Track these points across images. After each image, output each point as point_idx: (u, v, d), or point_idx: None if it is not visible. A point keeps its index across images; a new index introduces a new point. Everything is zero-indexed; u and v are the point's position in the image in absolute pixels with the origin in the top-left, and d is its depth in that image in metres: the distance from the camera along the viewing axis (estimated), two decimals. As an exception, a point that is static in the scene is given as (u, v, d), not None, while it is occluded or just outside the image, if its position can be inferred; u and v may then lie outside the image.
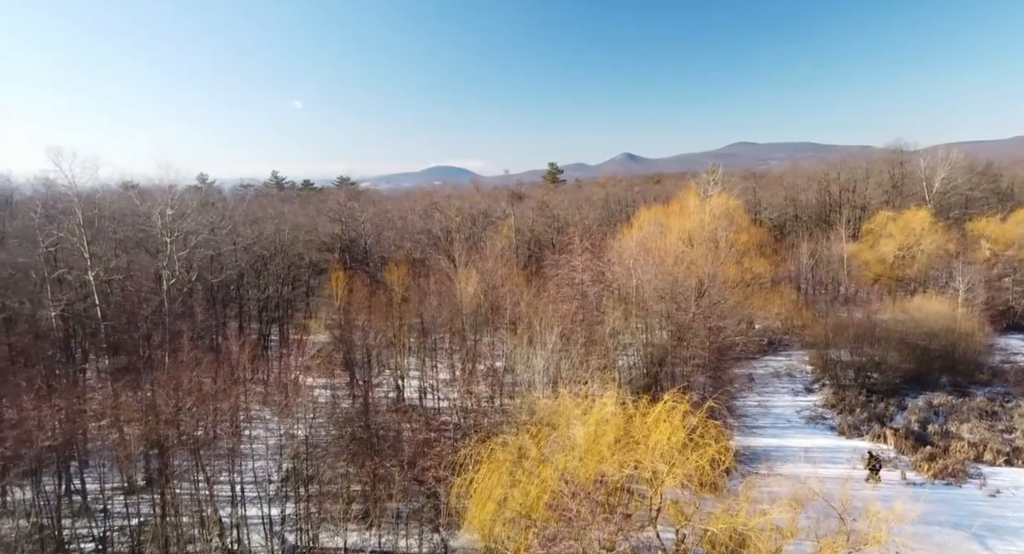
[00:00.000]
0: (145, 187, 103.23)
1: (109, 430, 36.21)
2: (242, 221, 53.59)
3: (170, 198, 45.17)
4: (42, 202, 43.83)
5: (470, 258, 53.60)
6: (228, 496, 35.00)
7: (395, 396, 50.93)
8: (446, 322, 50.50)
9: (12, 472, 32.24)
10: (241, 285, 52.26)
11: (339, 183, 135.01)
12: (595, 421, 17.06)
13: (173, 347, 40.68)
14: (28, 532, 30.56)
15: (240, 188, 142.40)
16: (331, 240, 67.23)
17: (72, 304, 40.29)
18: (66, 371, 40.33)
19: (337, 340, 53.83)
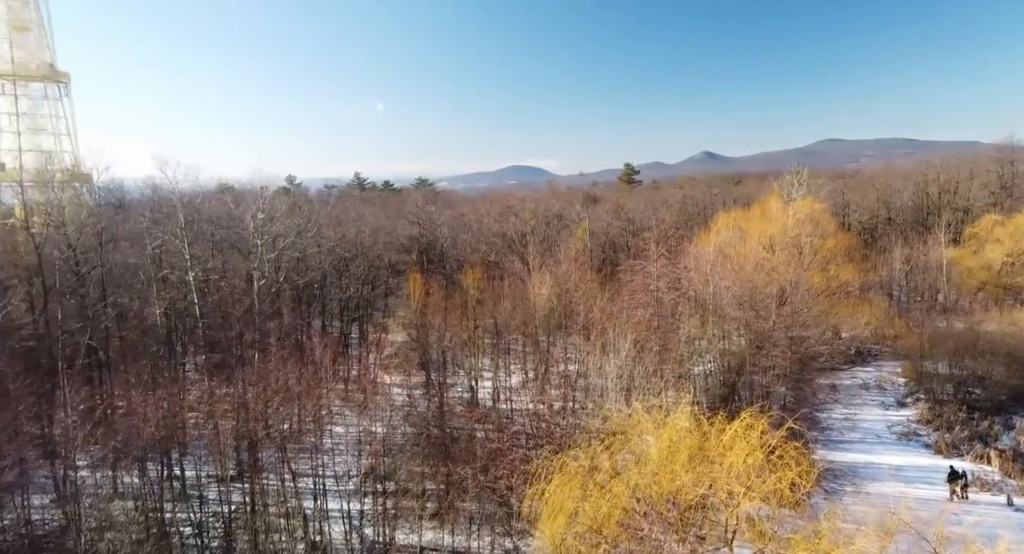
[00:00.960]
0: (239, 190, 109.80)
1: (205, 423, 38.71)
2: (326, 224, 56.02)
3: (261, 202, 47.78)
4: (149, 207, 47.44)
5: (544, 261, 53.81)
6: (311, 489, 36.65)
7: (469, 397, 51.91)
8: (519, 326, 50.94)
9: (122, 460, 35.12)
10: (324, 286, 54.64)
11: (417, 184, 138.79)
12: (668, 438, 16.85)
13: (262, 346, 43.02)
14: (135, 514, 33.20)
15: (325, 189, 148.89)
16: (409, 242, 69.16)
17: (174, 303, 43.39)
18: (168, 364, 43.49)
19: (414, 340, 55.40)
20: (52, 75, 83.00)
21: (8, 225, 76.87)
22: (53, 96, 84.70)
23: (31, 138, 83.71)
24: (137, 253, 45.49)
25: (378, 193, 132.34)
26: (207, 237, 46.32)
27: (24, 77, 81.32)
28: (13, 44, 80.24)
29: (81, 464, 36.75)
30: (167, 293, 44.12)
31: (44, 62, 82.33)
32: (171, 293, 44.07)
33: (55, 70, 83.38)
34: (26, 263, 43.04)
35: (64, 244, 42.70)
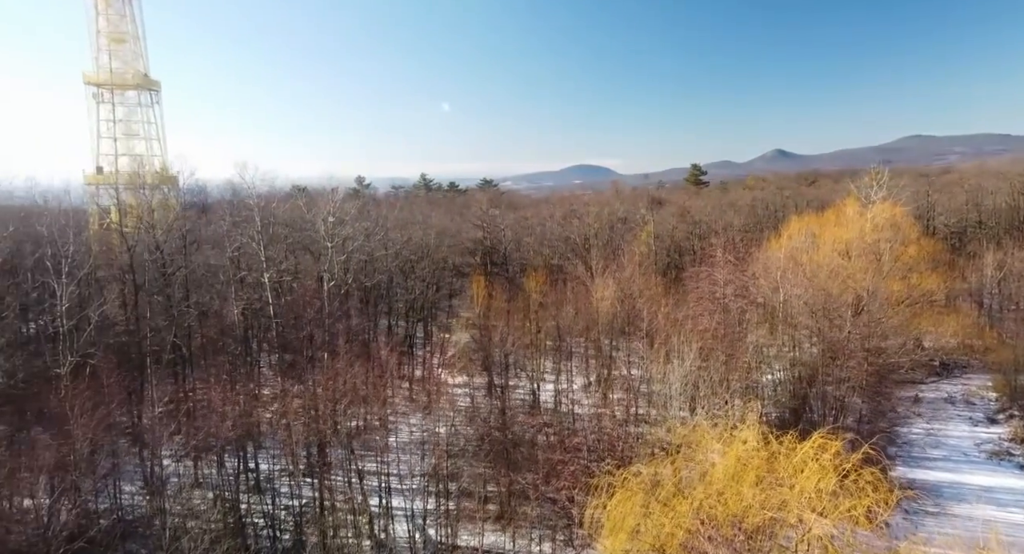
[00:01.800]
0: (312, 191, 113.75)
1: (278, 420, 40.39)
2: (393, 227, 57.37)
3: (332, 206, 49.42)
4: (229, 211, 49.92)
5: (607, 266, 53.33)
6: (376, 488, 37.66)
7: (530, 400, 52.10)
8: (582, 331, 50.71)
9: (203, 452, 37.18)
10: (391, 287, 55.97)
11: (482, 185, 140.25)
12: (735, 456, 16.41)
13: (331, 347, 44.51)
14: (214, 503, 35.06)
15: (392, 190, 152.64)
16: (473, 245, 69.94)
17: (251, 303, 45.50)
18: (244, 362, 45.63)
19: (476, 341, 56.05)
20: (145, 83, 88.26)
21: (105, 225, 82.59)
22: (145, 103, 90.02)
23: (125, 143, 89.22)
24: (217, 255, 47.91)
25: (444, 194, 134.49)
26: (281, 240, 48.29)
27: (120, 86, 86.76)
28: (112, 55, 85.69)
29: (165, 453, 39.18)
30: (244, 293, 46.27)
31: (138, 71, 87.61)
32: (248, 293, 46.19)
33: (148, 78, 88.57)
34: (120, 263, 46.05)
35: (153, 246, 45.46)
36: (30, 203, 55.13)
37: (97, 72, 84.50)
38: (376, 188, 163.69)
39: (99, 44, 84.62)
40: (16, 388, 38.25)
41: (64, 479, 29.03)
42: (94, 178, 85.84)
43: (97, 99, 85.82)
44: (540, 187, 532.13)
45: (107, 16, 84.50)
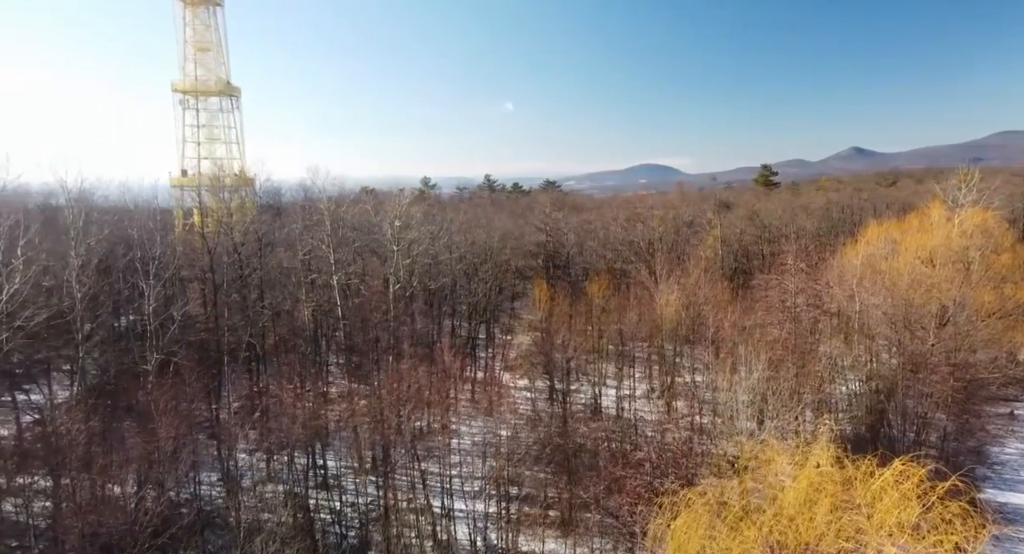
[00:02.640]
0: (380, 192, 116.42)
1: (344, 419, 41.66)
2: (458, 230, 58.13)
3: (399, 210, 50.47)
4: (301, 215, 51.84)
5: (672, 271, 52.29)
6: (438, 489, 38.27)
7: (592, 405, 51.77)
8: (645, 337, 49.98)
9: (274, 447, 38.77)
10: (454, 289, 56.72)
11: (545, 186, 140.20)
12: (807, 480, 15.76)
13: (396, 348, 45.53)
14: (284, 498, 36.51)
15: (457, 191, 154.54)
16: (536, 248, 70.06)
17: (320, 305, 47.10)
18: (314, 361, 47.26)
19: (538, 345, 56.13)
20: (227, 90, 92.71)
21: (188, 227, 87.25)
22: (226, 109, 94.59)
23: (207, 147, 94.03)
24: (290, 257, 49.75)
25: (507, 195, 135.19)
26: (350, 243, 49.70)
27: (204, 92, 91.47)
28: (197, 63, 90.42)
29: (240, 448, 41.09)
30: (314, 295, 47.92)
31: (221, 78, 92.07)
32: (318, 295, 47.81)
33: (229, 85, 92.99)
34: (201, 265, 48.54)
35: (231, 248, 47.68)
36: (122, 205, 58.77)
37: (183, 80, 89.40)
38: (441, 188, 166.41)
39: (186, 53, 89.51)
40: (108, 383, 40.86)
41: (149, 471, 30.80)
42: (178, 181, 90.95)
43: (183, 105, 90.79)
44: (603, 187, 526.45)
45: (193, 27, 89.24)
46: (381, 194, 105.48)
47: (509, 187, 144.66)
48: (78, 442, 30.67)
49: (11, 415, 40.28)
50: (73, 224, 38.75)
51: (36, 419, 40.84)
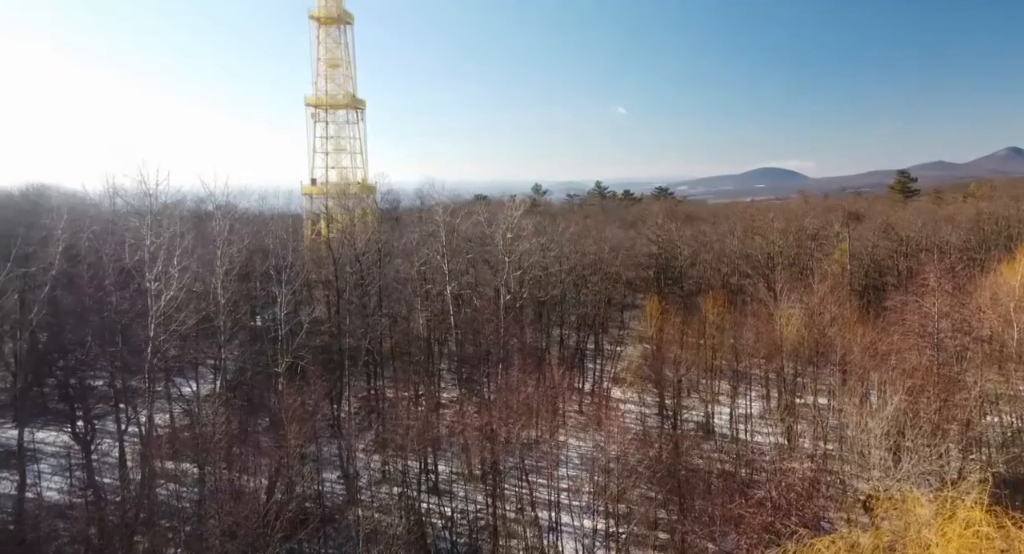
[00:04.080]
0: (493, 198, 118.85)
1: (456, 426, 42.88)
2: (568, 241, 58.25)
3: (511, 221, 51.33)
4: (417, 226, 54.10)
5: (793, 287, 49.41)
6: (546, 500, 38.42)
7: (704, 422, 50.02)
8: (762, 358, 47.57)
9: (389, 449, 40.63)
10: (563, 300, 56.85)
11: (657, 194, 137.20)
12: (957, 547, 14.23)
13: (506, 360, 46.29)
14: (398, 499, 38.17)
15: (567, 198, 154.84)
16: (647, 259, 68.70)
17: (434, 313, 48.90)
18: (427, 369, 49.08)
19: (648, 358, 54.99)
20: (353, 103, 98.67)
21: (315, 233, 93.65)
22: (352, 120, 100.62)
23: (334, 157, 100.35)
24: (406, 266, 51.95)
25: (618, 202, 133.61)
26: (463, 253, 51.18)
27: (333, 106, 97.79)
28: (327, 79, 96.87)
29: (359, 448, 43.44)
30: (428, 303, 49.77)
31: (348, 92, 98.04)
32: (432, 304, 49.61)
33: (356, 98, 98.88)
34: (325, 274, 51.85)
35: (353, 257, 50.54)
36: (259, 215, 64.11)
37: (315, 94, 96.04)
38: (552, 193, 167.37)
39: (318, 69, 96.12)
40: (245, 382, 44.59)
41: (280, 468, 33.26)
42: (308, 189, 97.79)
43: (315, 118, 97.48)
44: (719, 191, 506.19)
45: (326, 45, 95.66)
46: (494, 201, 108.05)
47: (620, 194, 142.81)
48: (219, 434, 33.70)
49: (166, 406, 44.81)
50: (219, 234, 42.69)
51: (185, 410, 45.47)
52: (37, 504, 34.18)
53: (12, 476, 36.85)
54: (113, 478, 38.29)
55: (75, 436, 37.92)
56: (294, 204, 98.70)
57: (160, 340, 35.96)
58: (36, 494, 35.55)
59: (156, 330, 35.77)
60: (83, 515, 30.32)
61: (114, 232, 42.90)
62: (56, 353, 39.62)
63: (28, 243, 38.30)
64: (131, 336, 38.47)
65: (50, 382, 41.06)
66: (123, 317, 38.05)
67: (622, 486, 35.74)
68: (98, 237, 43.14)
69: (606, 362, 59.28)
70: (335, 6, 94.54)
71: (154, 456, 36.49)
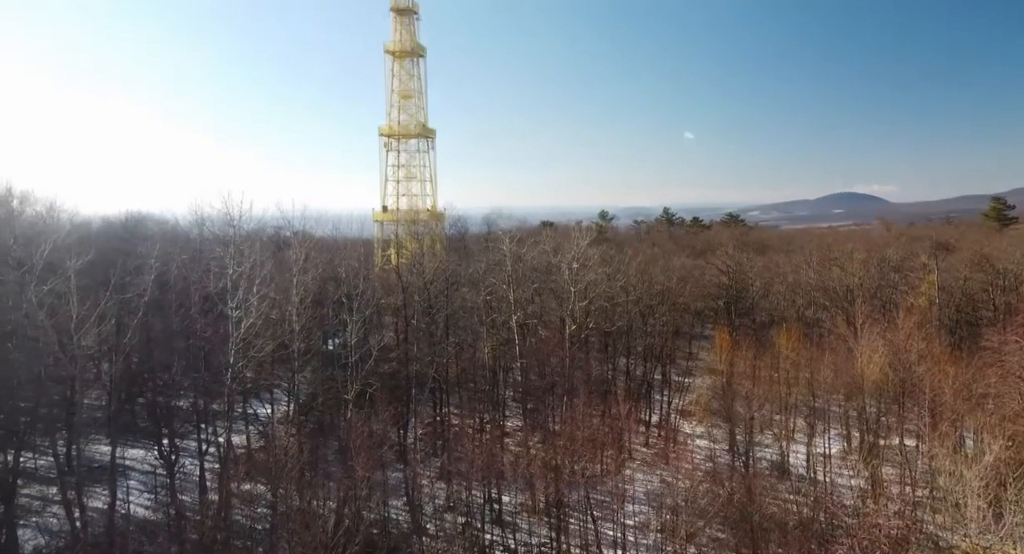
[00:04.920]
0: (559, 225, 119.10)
1: (520, 457, 42.65)
2: (635, 272, 57.59)
3: (577, 251, 51.28)
4: (484, 256, 54.82)
5: (875, 322, 46.88)
6: (611, 538, 37.50)
7: (778, 461, 47.78)
8: (841, 396, 45.24)
9: (454, 477, 40.81)
10: (630, 330, 56.02)
11: (727, 220, 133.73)
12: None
13: (571, 392, 45.90)
14: (462, 528, 38.16)
15: (634, 224, 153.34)
16: (717, 290, 66.91)
17: (499, 343, 49.15)
18: (491, 397, 49.20)
19: (718, 392, 53.25)
20: (424, 132, 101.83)
21: (386, 258, 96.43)
22: (423, 149, 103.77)
23: (405, 185, 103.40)
24: (473, 295, 52.56)
25: (686, 229, 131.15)
26: (528, 283, 51.39)
27: (405, 135, 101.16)
28: (400, 109, 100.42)
29: (424, 474, 43.83)
30: (494, 332, 50.07)
31: (419, 122, 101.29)
32: (497, 333, 49.90)
33: (426, 128, 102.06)
34: (393, 302, 53.14)
35: (421, 286, 51.61)
36: (333, 241, 66.51)
37: (388, 125, 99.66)
38: (618, 219, 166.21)
39: (392, 101, 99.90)
40: (316, 408, 45.98)
41: (348, 493, 33.94)
42: (380, 216, 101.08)
43: (387, 147, 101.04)
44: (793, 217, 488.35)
45: (399, 77, 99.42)
46: (560, 228, 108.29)
47: (688, 221, 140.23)
48: (291, 459, 34.78)
49: (243, 428, 46.68)
50: (296, 262, 44.57)
51: (260, 432, 47.23)
52: (125, 519, 36.09)
53: (103, 490, 39.20)
54: (193, 498, 40.09)
55: (160, 455, 39.91)
56: (367, 230, 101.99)
57: (239, 366, 37.68)
58: (124, 510, 37.53)
59: (236, 356, 37.53)
60: (165, 534, 31.81)
61: (200, 261, 45.55)
62: (146, 375, 42.05)
63: (125, 271, 41.07)
64: (213, 361, 40.49)
65: (140, 402, 43.53)
66: (206, 343, 40.08)
67: (692, 528, 34.46)
68: (186, 265, 45.90)
69: (674, 394, 57.76)
70: (409, 41, 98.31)
71: (231, 477, 38.06)
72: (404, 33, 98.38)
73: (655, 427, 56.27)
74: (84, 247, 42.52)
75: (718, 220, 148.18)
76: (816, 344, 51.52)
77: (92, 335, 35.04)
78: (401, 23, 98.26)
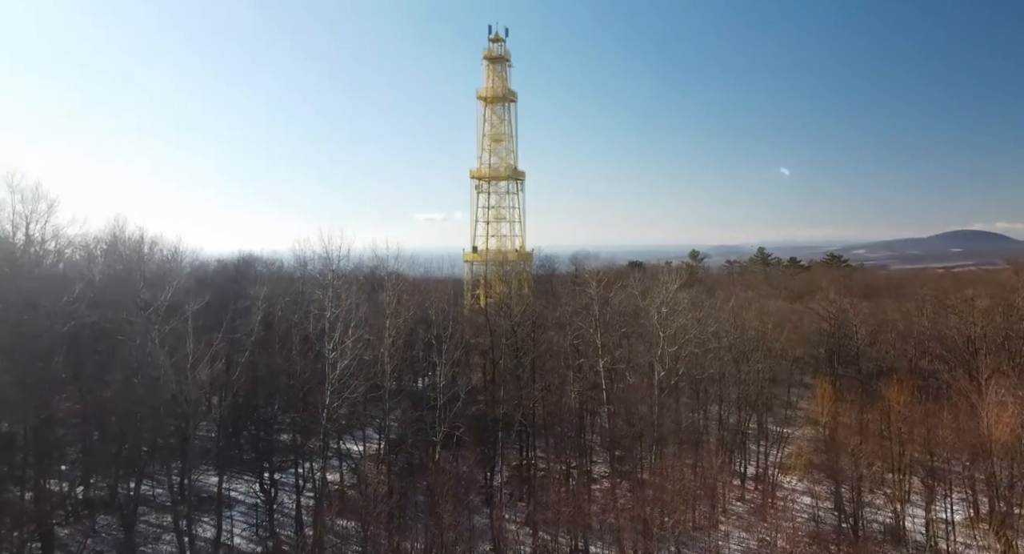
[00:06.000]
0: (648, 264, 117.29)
1: (608, 507, 41.60)
2: (728, 317, 55.63)
3: (666, 295, 50.27)
4: (571, 299, 54.84)
5: (1004, 376, 42.62)
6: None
7: (892, 524, 43.84)
8: (964, 457, 41.19)
9: (540, 524, 40.28)
10: (722, 378, 53.85)
11: (828, 261, 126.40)
12: None
13: (660, 442, 44.49)
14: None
15: (726, 264, 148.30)
16: (817, 336, 63.19)
17: (586, 387, 48.61)
18: (578, 443, 48.53)
19: (820, 444, 49.87)
20: (514, 175, 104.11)
21: (475, 296, 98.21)
22: (512, 191, 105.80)
23: (495, 226, 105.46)
24: (560, 338, 52.47)
25: (783, 270, 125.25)
26: (616, 328, 50.79)
27: (495, 177, 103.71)
28: (491, 152, 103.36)
29: (509, 519, 43.51)
30: (581, 377, 49.62)
31: (510, 165, 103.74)
32: (584, 376, 49.42)
33: (516, 170, 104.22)
34: (481, 344, 53.91)
35: (509, 329, 52.13)
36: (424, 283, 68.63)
37: (479, 168, 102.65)
38: (710, 257, 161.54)
39: (483, 145, 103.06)
40: (406, 446, 47.04)
41: (436, 534, 34.31)
42: (470, 257, 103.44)
43: (478, 190, 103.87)
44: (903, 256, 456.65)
45: (491, 122, 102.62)
46: (648, 268, 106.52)
47: (785, 260, 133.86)
48: (381, 497, 35.65)
49: (336, 464, 48.34)
50: (388, 305, 46.35)
51: (352, 469, 48.76)
52: (228, 550, 38.07)
53: (210, 520, 41.60)
54: (290, 531, 41.77)
55: (261, 488, 42.03)
56: (456, 269, 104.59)
57: (334, 406, 39.37)
58: (228, 541, 39.62)
59: (331, 396, 39.27)
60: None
61: (301, 302, 48.28)
62: (250, 410, 44.68)
63: (236, 312, 44.20)
64: (310, 400, 42.54)
65: (244, 435, 46.15)
66: (305, 383, 42.19)
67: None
68: (288, 307, 48.82)
69: (771, 445, 54.62)
70: (501, 87, 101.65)
71: (325, 512, 39.43)
72: (496, 79, 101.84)
73: (751, 480, 53.28)
74: (201, 289, 46.29)
75: (818, 260, 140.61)
76: (932, 398, 47.39)
77: (205, 372, 37.89)
78: (493, 70, 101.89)
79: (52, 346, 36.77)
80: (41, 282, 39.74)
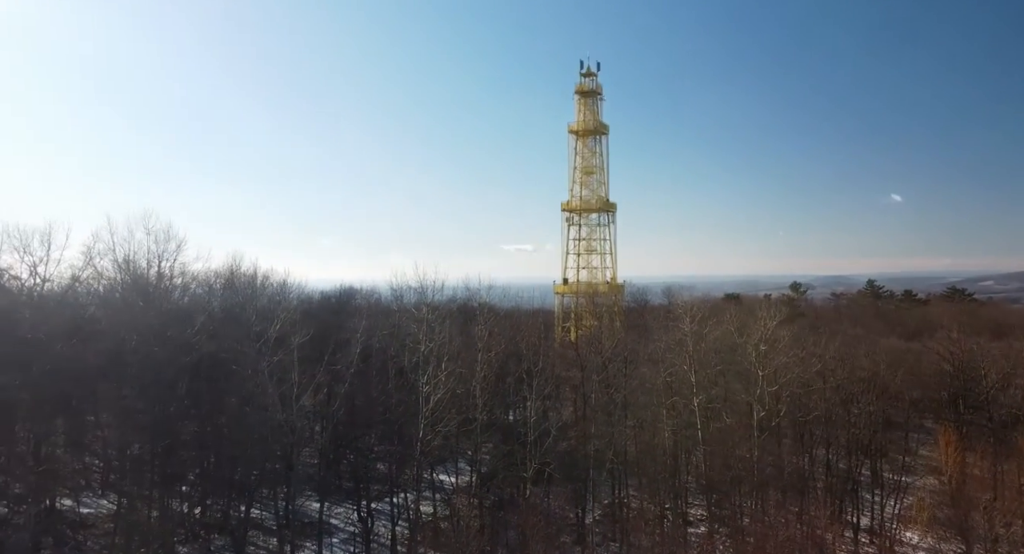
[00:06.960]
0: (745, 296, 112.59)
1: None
2: (834, 356, 52.29)
3: (765, 332, 48.01)
4: (664, 335, 53.43)
5: None
6: None
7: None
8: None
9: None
10: (829, 420, 50.48)
11: (948, 294, 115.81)
12: None
13: (762, 488, 42.19)
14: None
15: (832, 297, 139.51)
16: (938, 378, 57.91)
17: (680, 425, 46.95)
18: (671, 485, 46.82)
19: (945, 498, 45.41)
20: (605, 207, 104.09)
21: (566, 329, 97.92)
22: (603, 223, 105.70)
23: (585, 258, 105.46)
24: (652, 374, 51.23)
25: (896, 304, 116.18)
26: (711, 366, 48.93)
27: (586, 210, 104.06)
28: (582, 185, 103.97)
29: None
30: (675, 415, 48.01)
31: (601, 197, 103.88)
32: (678, 416, 47.79)
33: (608, 202, 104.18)
34: (572, 378, 53.55)
35: (600, 365, 51.55)
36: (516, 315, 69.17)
37: (571, 200, 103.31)
38: (813, 288, 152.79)
39: (574, 177, 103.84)
40: (497, 481, 47.26)
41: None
42: (561, 288, 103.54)
43: (569, 222, 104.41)
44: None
45: (582, 154, 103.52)
46: (746, 301, 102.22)
47: (898, 294, 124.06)
48: (473, 530, 35.87)
49: (430, 495, 49.22)
50: (480, 338, 47.22)
51: (445, 499, 49.43)
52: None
53: (312, 545, 43.38)
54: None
55: (359, 517, 43.42)
56: (547, 300, 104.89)
57: (427, 438, 40.34)
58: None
59: (425, 429, 40.30)
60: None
61: (397, 335, 50.06)
62: (349, 440, 46.50)
63: (337, 344, 46.48)
64: (405, 432, 43.77)
65: (343, 464, 47.99)
66: (399, 416, 43.53)
67: None
68: (385, 339, 50.75)
69: (887, 495, 50.39)
70: (592, 120, 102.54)
71: (420, 544, 40.17)
72: (587, 113, 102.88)
73: (864, 533, 49.28)
74: (306, 321, 49.02)
75: (936, 293, 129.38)
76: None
77: (308, 402, 40.09)
78: (585, 104, 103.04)
79: (177, 375, 40.06)
80: (169, 315, 43.50)
